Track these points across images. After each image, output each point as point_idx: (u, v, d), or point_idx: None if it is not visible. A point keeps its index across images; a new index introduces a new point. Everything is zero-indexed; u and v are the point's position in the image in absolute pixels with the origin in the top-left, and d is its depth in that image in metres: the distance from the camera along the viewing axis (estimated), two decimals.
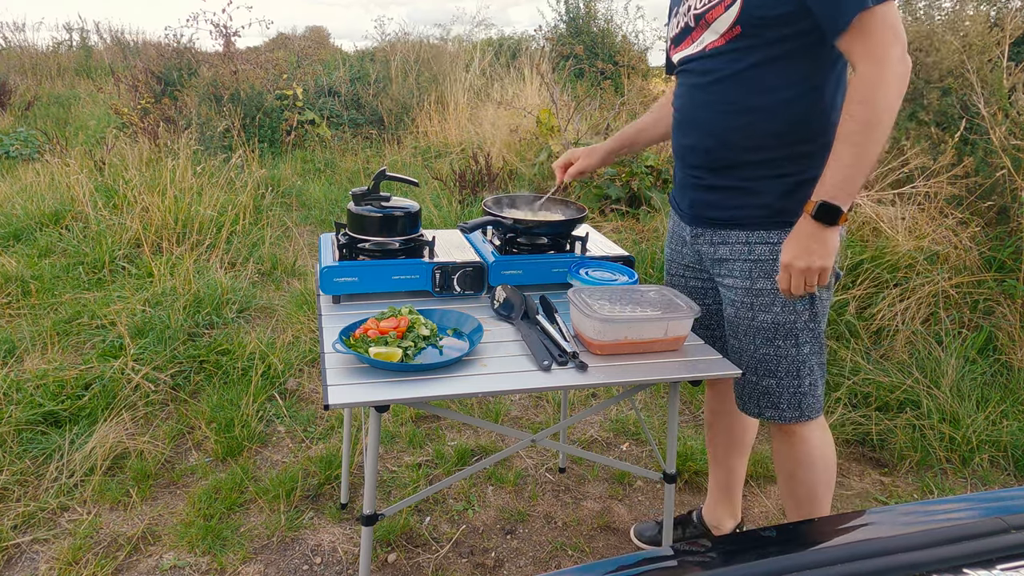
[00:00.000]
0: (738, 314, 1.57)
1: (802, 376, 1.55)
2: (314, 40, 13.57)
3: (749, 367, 1.58)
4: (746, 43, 1.39)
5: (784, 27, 1.35)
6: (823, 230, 1.34)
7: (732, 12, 1.37)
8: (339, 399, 1.23)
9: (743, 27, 1.38)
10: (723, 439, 1.96)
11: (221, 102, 6.94)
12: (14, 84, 9.25)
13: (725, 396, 1.88)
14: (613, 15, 11.82)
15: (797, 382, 1.55)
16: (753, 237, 1.51)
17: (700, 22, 1.45)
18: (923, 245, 3.21)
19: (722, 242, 1.56)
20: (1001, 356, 2.88)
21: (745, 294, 1.54)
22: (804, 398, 1.57)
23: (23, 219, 4.35)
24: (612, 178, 4.80)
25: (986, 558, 0.55)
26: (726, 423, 1.93)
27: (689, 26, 1.49)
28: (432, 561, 1.99)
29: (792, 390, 1.56)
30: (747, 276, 1.53)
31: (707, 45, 1.45)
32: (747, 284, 1.53)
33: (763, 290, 1.51)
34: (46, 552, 1.97)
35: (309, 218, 5.17)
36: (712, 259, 1.60)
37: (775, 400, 1.58)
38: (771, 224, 1.49)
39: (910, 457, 2.48)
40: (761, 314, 1.53)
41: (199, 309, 3.26)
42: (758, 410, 1.61)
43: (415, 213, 1.76)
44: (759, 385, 1.59)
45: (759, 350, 1.56)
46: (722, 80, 1.45)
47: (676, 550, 0.56)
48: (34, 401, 2.50)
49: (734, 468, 1.98)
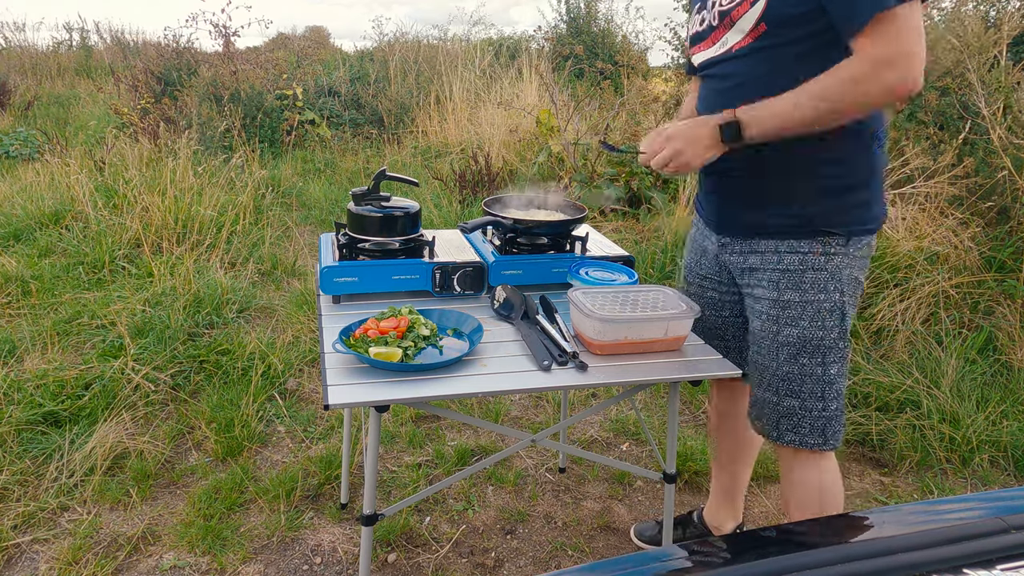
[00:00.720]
0: (764, 327, 1.50)
1: (828, 399, 1.46)
2: (314, 40, 13.59)
3: (771, 385, 1.50)
4: (770, 42, 1.35)
5: (808, 25, 1.31)
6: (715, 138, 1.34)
7: (757, 9, 1.34)
8: (339, 399, 1.23)
9: (768, 24, 1.34)
10: (728, 444, 1.91)
11: (221, 102, 6.94)
12: (14, 84, 9.26)
13: (733, 399, 1.83)
14: (613, 15, 11.83)
15: (822, 404, 1.46)
16: (783, 246, 1.45)
17: (725, 20, 1.41)
18: (923, 245, 3.21)
19: (751, 251, 1.50)
20: (1001, 356, 2.88)
21: (772, 306, 1.47)
22: (829, 424, 1.47)
23: (23, 219, 4.35)
24: (612, 178, 4.80)
25: (986, 558, 0.55)
26: (731, 427, 1.88)
27: (712, 25, 1.45)
28: (432, 561, 1.99)
29: (816, 413, 1.47)
30: (775, 287, 1.46)
31: (732, 46, 1.41)
32: (774, 295, 1.46)
33: (791, 302, 1.45)
34: (46, 552, 1.97)
35: (309, 218, 5.17)
36: (741, 268, 1.54)
37: (796, 423, 1.48)
38: (801, 233, 1.43)
39: (910, 457, 2.48)
40: (787, 328, 1.45)
41: (199, 309, 3.26)
42: (777, 433, 1.52)
43: (415, 213, 1.76)
44: (780, 405, 1.49)
45: (782, 367, 1.47)
46: (744, 84, 1.40)
47: (676, 550, 0.56)
48: (34, 401, 2.50)
49: (737, 473, 1.94)
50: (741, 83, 1.42)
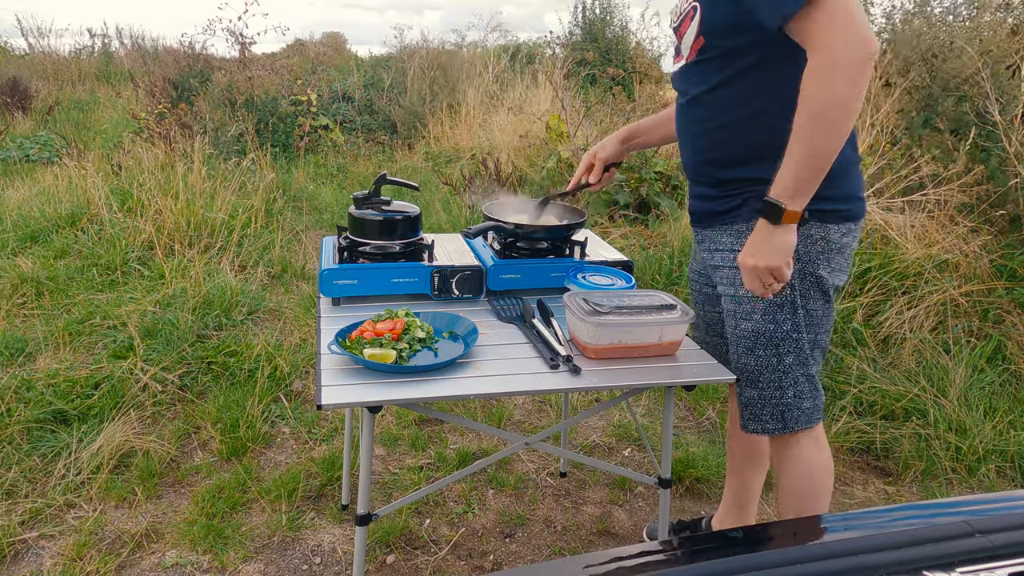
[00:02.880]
0: (727, 322, 1.57)
1: (784, 387, 1.52)
2: (330, 46, 13.72)
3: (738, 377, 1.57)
4: (710, 55, 1.40)
5: (742, 35, 1.34)
6: (769, 228, 1.32)
7: (695, 23, 1.40)
8: (332, 399, 1.25)
9: (705, 37, 1.39)
10: (739, 447, 1.94)
11: (235, 107, 7.02)
12: (36, 89, 9.43)
13: None
14: (628, 22, 11.82)
15: (779, 393, 1.53)
16: (738, 244, 1.49)
17: (677, 35, 1.49)
18: (932, 253, 3.18)
19: (716, 248, 1.55)
20: (1010, 365, 2.85)
21: (730, 301, 1.54)
22: (787, 410, 1.54)
23: (40, 221, 4.42)
24: (621, 184, 4.80)
25: (947, 561, 0.55)
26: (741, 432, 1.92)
27: (675, 41, 1.52)
28: (430, 563, 2.00)
29: (775, 401, 1.54)
30: (731, 283, 1.52)
31: (686, 58, 1.47)
32: (731, 291, 1.53)
33: (744, 298, 1.50)
34: (51, 548, 2.00)
35: (320, 222, 5.21)
36: (709, 266, 1.60)
37: (757, 412, 1.56)
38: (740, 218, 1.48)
39: (915, 466, 2.46)
40: (743, 322, 1.52)
41: (208, 311, 3.30)
42: (743, 421, 1.60)
43: (415, 217, 1.78)
44: (743, 395, 1.58)
45: (741, 359, 1.55)
46: (694, 100, 1.47)
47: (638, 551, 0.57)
48: (44, 400, 2.54)
49: (748, 479, 1.95)
50: (693, 98, 1.48)
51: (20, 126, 8.14)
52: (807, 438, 1.58)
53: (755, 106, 1.39)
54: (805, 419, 1.56)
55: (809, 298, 1.48)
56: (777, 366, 1.51)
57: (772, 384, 1.53)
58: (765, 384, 1.53)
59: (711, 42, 1.38)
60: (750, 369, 1.54)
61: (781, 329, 1.49)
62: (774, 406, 1.54)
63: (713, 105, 1.44)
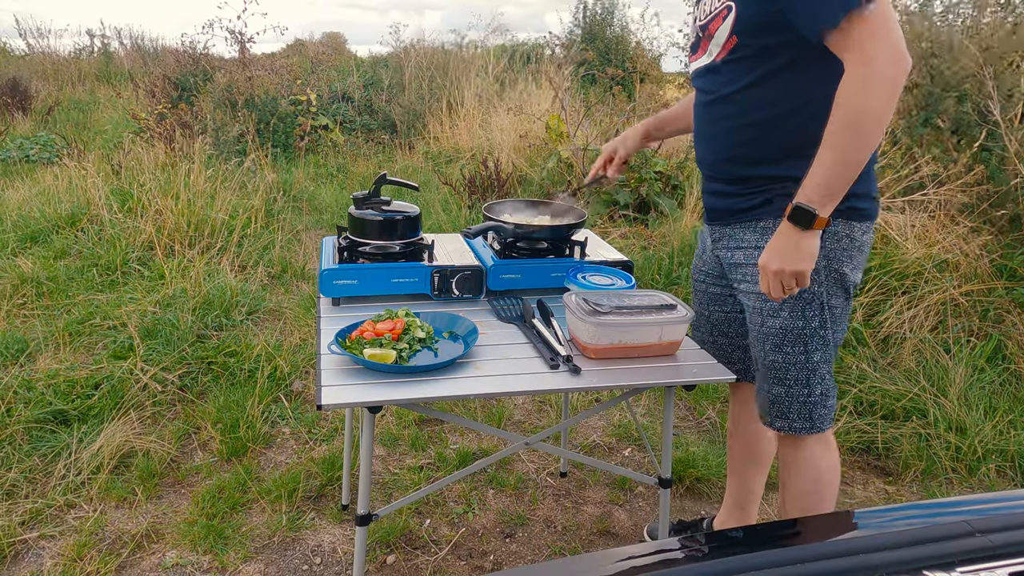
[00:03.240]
0: (751, 320, 1.56)
1: (812, 385, 1.52)
2: (330, 46, 13.72)
3: (761, 374, 1.57)
4: (742, 54, 1.40)
5: (773, 35, 1.35)
6: (798, 233, 1.32)
7: (728, 22, 1.39)
8: (332, 399, 1.25)
9: (739, 36, 1.39)
10: (740, 447, 1.94)
11: (235, 107, 7.02)
12: (36, 90, 9.43)
13: (746, 401, 1.86)
14: (628, 22, 11.84)
15: (807, 391, 1.52)
16: (763, 241, 1.47)
17: (705, 33, 1.47)
18: (932, 253, 3.18)
19: (737, 246, 1.54)
20: (1011, 365, 2.85)
21: (755, 299, 1.52)
22: (815, 408, 1.53)
23: (40, 221, 4.42)
24: (621, 184, 4.80)
25: (947, 561, 0.55)
26: (743, 431, 1.91)
27: (699, 36, 1.50)
28: (431, 563, 2.00)
29: (803, 399, 1.53)
30: (756, 280, 1.50)
31: (715, 57, 1.46)
32: (757, 289, 1.51)
33: None
34: (51, 548, 2.00)
35: (320, 222, 5.21)
36: (728, 264, 1.59)
37: (784, 409, 1.55)
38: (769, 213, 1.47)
39: (915, 466, 2.46)
40: (770, 319, 1.51)
41: (208, 311, 3.30)
42: (769, 419, 1.59)
43: (415, 217, 1.78)
44: (769, 393, 1.56)
45: (768, 356, 1.53)
46: (724, 99, 1.46)
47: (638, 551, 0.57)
48: (44, 400, 2.54)
49: (749, 480, 1.95)
50: (720, 97, 1.47)
51: (20, 126, 8.14)
52: (818, 440, 1.58)
53: (786, 106, 1.40)
54: (830, 418, 1.56)
55: (833, 295, 1.48)
56: (805, 363, 1.50)
57: (800, 381, 1.52)
58: (792, 381, 1.52)
59: (744, 41, 1.38)
60: (778, 366, 1.52)
61: (810, 326, 1.48)
62: (802, 404, 1.53)
63: (744, 103, 1.43)
